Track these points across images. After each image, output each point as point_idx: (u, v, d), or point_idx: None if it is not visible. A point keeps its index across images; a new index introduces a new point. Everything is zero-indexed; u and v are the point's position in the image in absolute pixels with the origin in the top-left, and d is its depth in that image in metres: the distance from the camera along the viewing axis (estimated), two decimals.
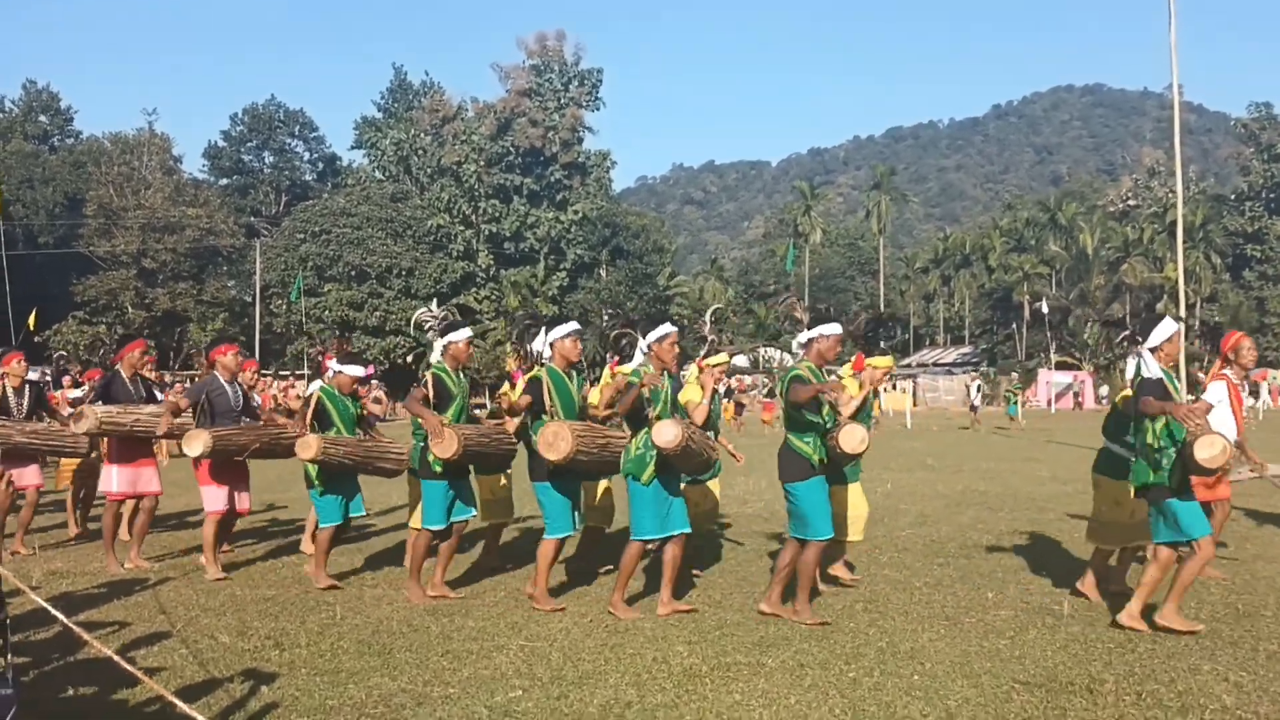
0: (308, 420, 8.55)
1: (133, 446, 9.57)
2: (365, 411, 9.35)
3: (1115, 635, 6.62)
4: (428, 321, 8.27)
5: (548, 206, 65.49)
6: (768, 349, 74.11)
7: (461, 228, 63.93)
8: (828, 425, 6.95)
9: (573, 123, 65.33)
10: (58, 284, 52.41)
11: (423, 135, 66.84)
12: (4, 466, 9.91)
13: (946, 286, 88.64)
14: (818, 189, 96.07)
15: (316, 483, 8.49)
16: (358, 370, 8.82)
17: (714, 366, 9.05)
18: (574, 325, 7.69)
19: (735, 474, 15.70)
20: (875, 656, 6.19)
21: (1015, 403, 39.56)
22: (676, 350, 7.42)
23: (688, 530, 7.41)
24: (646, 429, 7.13)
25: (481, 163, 63.98)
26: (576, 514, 7.69)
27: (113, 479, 9.52)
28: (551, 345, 7.61)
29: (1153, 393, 6.56)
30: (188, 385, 25.95)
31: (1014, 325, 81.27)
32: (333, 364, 8.84)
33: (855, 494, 8.12)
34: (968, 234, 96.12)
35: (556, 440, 7.06)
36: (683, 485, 7.62)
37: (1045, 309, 69.23)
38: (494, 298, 64.41)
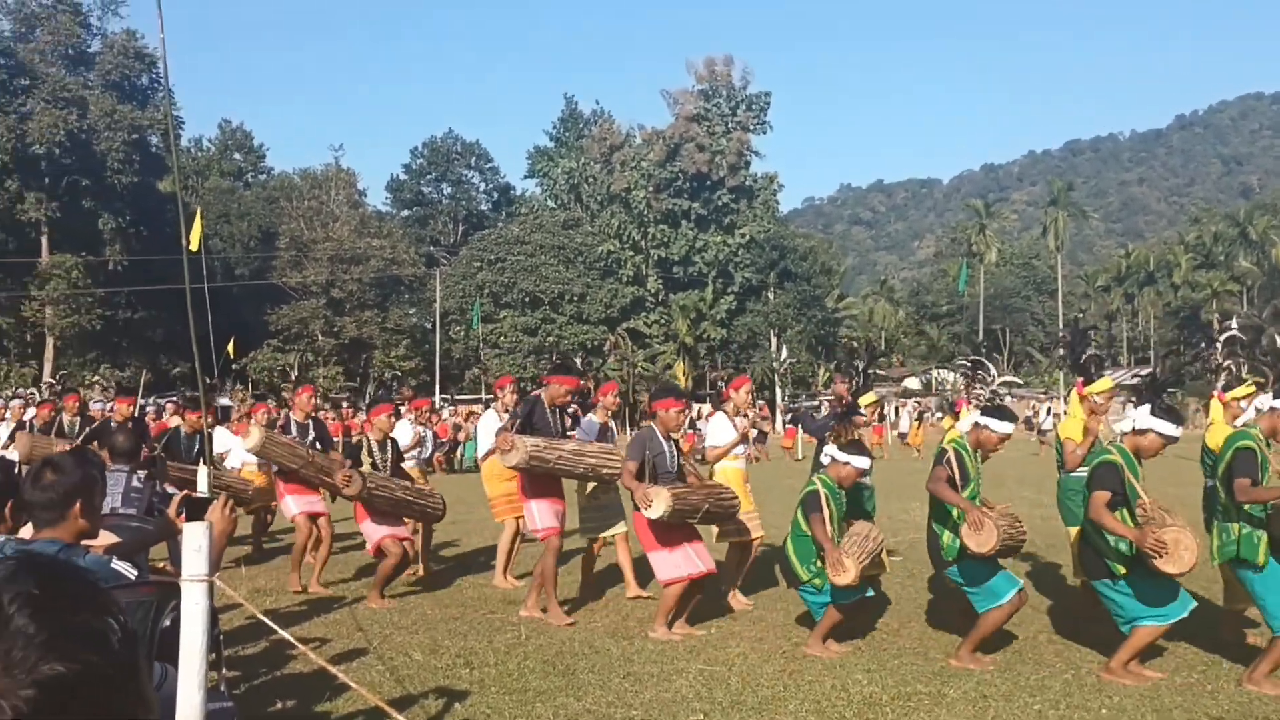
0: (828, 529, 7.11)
1: (548, 484, 8.52)
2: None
3: None
4: (978, 386, 7.29)
5: (715, 230, 65.79)
6: (940, 370, 72.45)
7: (631, 253, 64.83)
8: None
9: (740, 147, 65.53)
10: (253, 313, 55.38)
11: (593, 163, 68.13)
12: (376, 522, 9.17)
13: (1129, 305, 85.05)
14: (992, 206, 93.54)
15: (819, 583, 7.07)
16: (863, 463, 7.47)
17: (867, 406, 9.04)
18: None
19: (909, 500, 15.51)
20: (1061, 689, 6.06)
21: None
22: None
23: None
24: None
25: (650, 189, 64.79)
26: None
27: (535, 515, 8.53)
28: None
29: None
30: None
31: (1202, 345, 77.29)
32: (832, 450, 7.61)
33: None
34: (1151, 250, 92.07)
35: None
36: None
37: (1235, 328, 65.67)
38: (663, 322, 64.99)
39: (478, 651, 7.27)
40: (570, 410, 9.02)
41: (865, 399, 9.41)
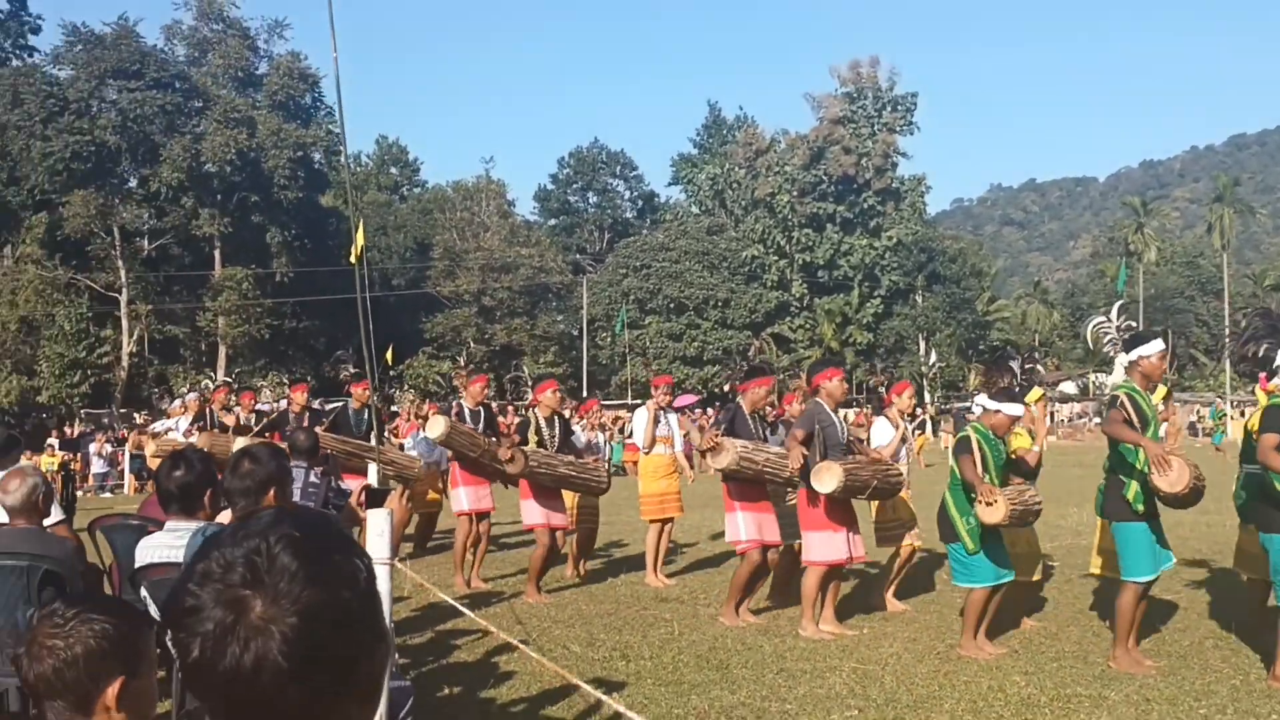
0: (979, 470, 6.96)
1: (756, 492, 8.33)
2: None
3: None
4: (1107, 334, 7.09)
5: (861, 233, 65.04)
6: (1097, 374, 70.06)
7: (775, 258, 64.59)
8: None
9: (886, 149, 64.64)
10: (409, 322, 57.14)
11: (737, 169, 68.13)
12: (539, 503, 9.46)
13: None
14: (1151, 204, 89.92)
15: (971, 544, 6.96)
16: (1016, 409, 7.28)
17: (1035, 401, 8.82)
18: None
19: (1066, 505, 15.16)
20: (1228, 694, 5.91)
21: None
22: None
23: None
24: None
25: (794, 193, 64.45)
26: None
27: (739, 526, 8.28)
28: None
29: None
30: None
31: None
32: (983, 400, 7.41)
33: None
34: None
35: None
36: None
37: None
38: (808, 326, 64.55)
39: (633, 645, 7.46)
40: (769, 417, 8.90)
41: (1032, 395, 9.17)
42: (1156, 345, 6.73)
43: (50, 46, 53.47)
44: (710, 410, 37.93)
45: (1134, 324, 6.78)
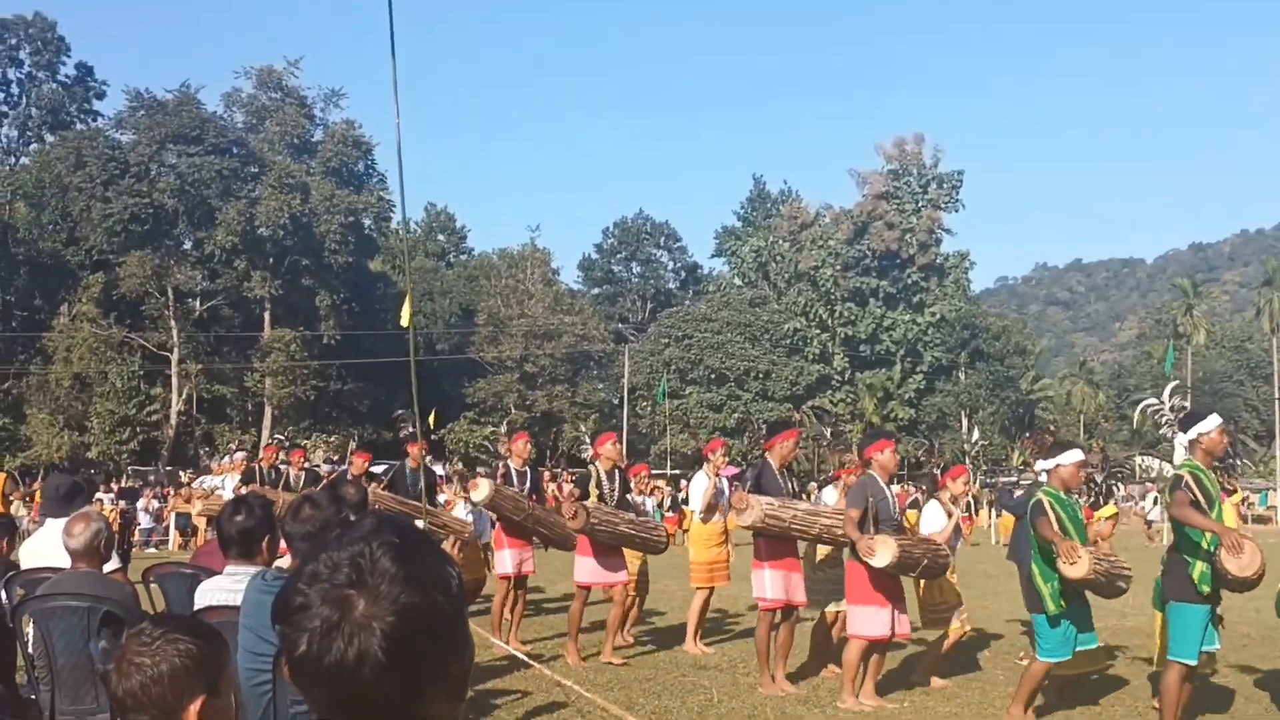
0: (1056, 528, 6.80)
1: (785, 550, 8.39)
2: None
3: None
4: (1160, 415, 6.97)
5: (904, 309, 65.02)
6: (1144, 457, 69.07)
7: (817, 331, 64.65)
8: None
9: (930, 225, 64.80)
10: (452, 387, 57.58)
11: (780, 242, 68.48)
12: (598, 561, 9.39)
13: None
14: (1200, 286, 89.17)
15: (1053, 606, 6.81)
16: (1075, 455, 7.23)
17: (1106, 519, 8.77)
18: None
19: None
20: None
21: None
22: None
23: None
24: None
25: (838, 267, 64.64)
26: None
27: (765, 584, 8.30)
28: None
29: None
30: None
31: None
32: (1041, 464, 7.39)
33: None
34: None
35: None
36: None
37: None
38: (849, 400, 64.31)
39: (671, 710, 7.46)
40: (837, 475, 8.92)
41: (1104, 511, 9.02)
42: (1214, 420, 6.66)
43: (114, 111, 54.97)
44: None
45: (1185, 404, 6.61)
